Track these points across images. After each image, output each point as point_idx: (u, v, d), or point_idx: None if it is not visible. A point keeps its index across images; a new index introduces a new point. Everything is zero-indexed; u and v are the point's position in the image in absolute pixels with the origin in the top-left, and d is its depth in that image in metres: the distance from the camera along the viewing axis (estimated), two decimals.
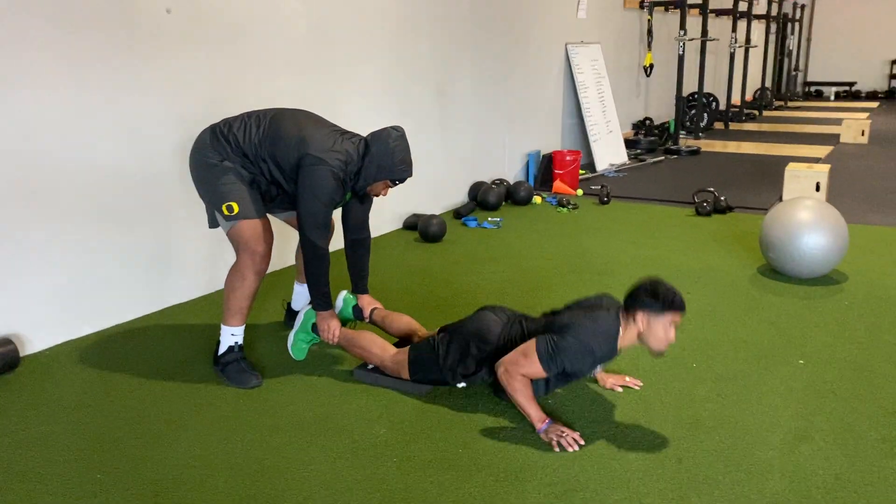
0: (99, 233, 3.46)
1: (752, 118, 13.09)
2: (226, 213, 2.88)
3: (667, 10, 9.90)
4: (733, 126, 11.93)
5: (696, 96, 10.53)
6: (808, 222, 4.06)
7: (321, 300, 3.01)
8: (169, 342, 3.40)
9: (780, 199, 6.39)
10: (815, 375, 2.97)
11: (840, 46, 18.76)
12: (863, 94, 18.55)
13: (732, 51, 11.41)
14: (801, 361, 3.10)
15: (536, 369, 2.52)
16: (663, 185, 7.06)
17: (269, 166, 2.93)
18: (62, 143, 3.27)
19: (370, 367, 2.99)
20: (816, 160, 8.54)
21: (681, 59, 9.14)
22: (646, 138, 9.09)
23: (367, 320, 3.28)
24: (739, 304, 3.79)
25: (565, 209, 5.98)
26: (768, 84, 15.06)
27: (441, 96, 5.73)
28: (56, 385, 2.98)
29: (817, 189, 6.28)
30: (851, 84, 18.56)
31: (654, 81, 10.23)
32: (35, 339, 3.27)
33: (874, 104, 16.78)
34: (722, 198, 5.88)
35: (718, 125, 11.68)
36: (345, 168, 2.88)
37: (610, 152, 7.99)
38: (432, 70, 5.62)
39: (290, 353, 3.16)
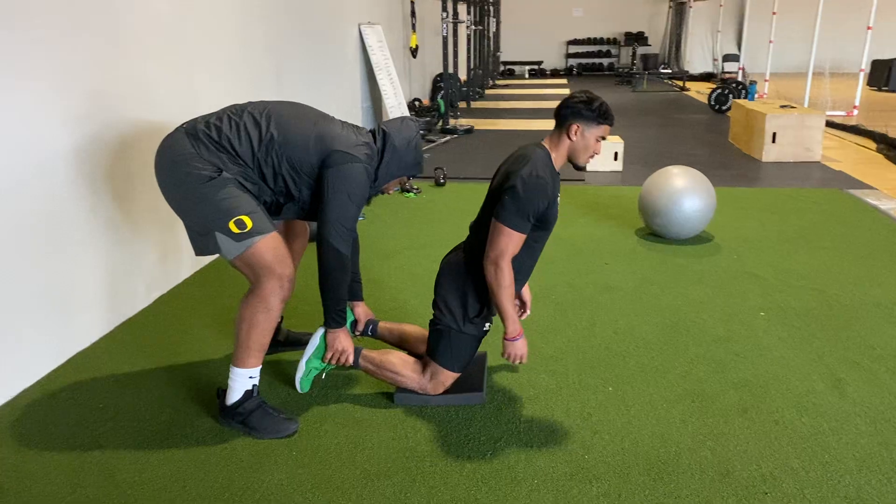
0: None
1: (481, 96, 13.97)
2: (235, 230, 2.32)
3: None
4: (474, 105, 12.61)
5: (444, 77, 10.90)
6: (687, 188, 4.48)
7: (340, 316, 2.60)
8: (113, 401, 2.68)
9: (584, 169, 6.95)
10: (784, 323, 3.31)
11: (526, 29, 20.78)
12: (548, 72, 20.80)
13: (469, 33, 12.02)
14: (762, 314, 3.44)
15: (513, 237, 2.36)
16: (474, 163, 7.24)
17: (273, 171, 2.44)
18: None
19: None
20: None
21: (445, 40, 9.39)
22: (422, 119, 9.22)
23: (359, 334, 2.92)
24: (660, 270, 4.06)
25: (412, 194, 5.86)
26: (478, 64, 16.15)
27: (279, 80, 5.22)
28: (27, 486, 2.19)
29: (615, 158, 6.94)
30: (539, 63, 20.70)
31: (412, 63, 10.38)
32: None
33: (563, 80, 18.93)
34: None
35: (461, 104, 12.26)
36: (370, 163, 2.51)
37: None
38: (270, 54, 5.10)
39: (298, 384, 2.69)
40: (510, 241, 2.36)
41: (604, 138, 2.47)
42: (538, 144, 2.49)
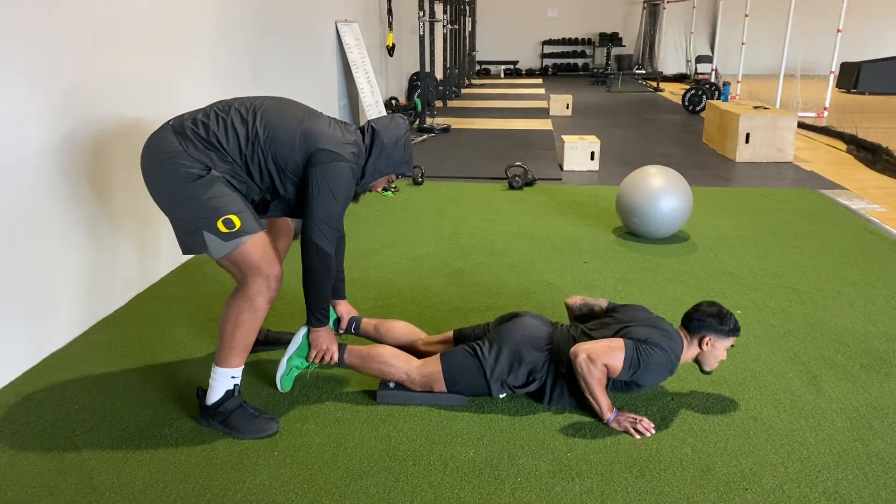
0: None
1: (457, 95, 13.98)
2: (224, 230, 2.30)
3: None
4: (450, 104, 12.61)
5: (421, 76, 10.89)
6: (664, 187, 4.51)
7: (323, 314, 2.59)
8: (90, 402, 2.64)
9: (561, 168, 6.99)
10: (760, 321, 3.36)
11: (501, 29, 20.81)
12: (523, 72, 20.87)
13: (446, 32, 12.01)
14: (739, 312, 3.48)
15: (616, 366, 2.46)
16: (451, 162, 7.24)
17: (259, 169, 2.42)
18: None
19: (391, 385, 2.66)
20: (549, 132, 9.48)
21: (422, 38, 9.38)
22: None
23: (342, 332, 2.91)
24: (638, 269, 4.09)
25: (390, 192, 5.85)
26: (454, 63, 16.16)
27: (256, 77, 5.18)
28: (2, 490, 2.15)
29: (592, 158, 6.98)
30: (515, 62, 20.76)
31: (389, 62, 10.35)
32: None
33: (538, 80, 19.00)
34: (529, 172, 6.23)
35: (438, 103, 12.25)
36: (356, 161, 2.50)
37: None
38: (247, 51, 5.06)
39: (279, 383, 2.67)
40: (612, 362, 2.45)
41: (732, 346, 2.61)
42: (679, 332, 2.61)
